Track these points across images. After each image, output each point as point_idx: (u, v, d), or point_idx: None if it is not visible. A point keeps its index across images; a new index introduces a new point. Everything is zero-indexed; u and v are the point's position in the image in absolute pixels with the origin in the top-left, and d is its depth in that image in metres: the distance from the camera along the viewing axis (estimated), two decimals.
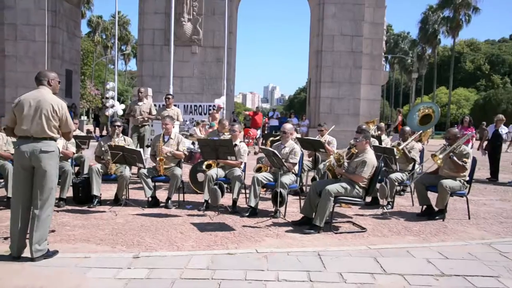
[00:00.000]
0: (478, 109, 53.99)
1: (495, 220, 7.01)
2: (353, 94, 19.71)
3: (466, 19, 54.93)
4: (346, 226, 6.26)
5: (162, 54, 19.43)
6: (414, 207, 7.71)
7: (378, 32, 20.10)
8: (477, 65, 76.96)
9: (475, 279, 4.26)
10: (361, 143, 6.18)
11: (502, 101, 52.46)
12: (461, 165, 6.78)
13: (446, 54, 73.91)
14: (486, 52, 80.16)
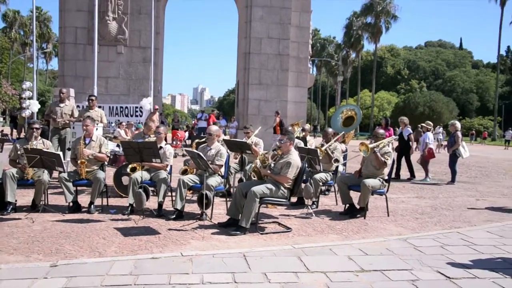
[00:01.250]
0: (398, 111, 56.85)
1: (411, 217, 7.41)
2: (281, 96, 20.05)
3: (386, 26, 57.76)
4: (272, 227, 6.34)
5: (85, 53, 18.71)
6: (337, 206, 7.96)
7: (304, 35, 20.60)
8: (397, 70, 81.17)
9: (391, 273, 4.47)
10: (286, 144, 6.29)
11: (419, 104, 55.75)
12: (383, 161, 7.12)
13: (369, 58, 77.29)
14: (405, 57, 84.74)
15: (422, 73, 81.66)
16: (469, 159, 18.42)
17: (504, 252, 5.39)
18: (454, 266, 4.77)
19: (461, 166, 16.88)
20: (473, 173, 15.18)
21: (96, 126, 7.89)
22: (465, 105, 73.22)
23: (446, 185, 11.58)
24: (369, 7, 57.92)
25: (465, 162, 18.56)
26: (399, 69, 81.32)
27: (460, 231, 6.47)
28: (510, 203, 9.16)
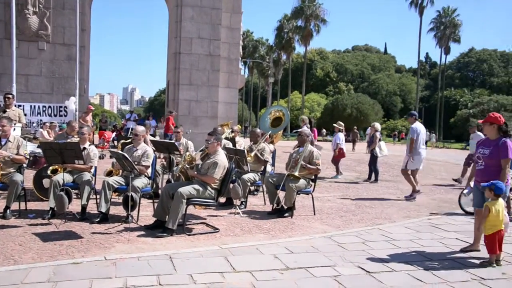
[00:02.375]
0: (327, 113, 58.59)
1: (336, 215, 7.66)
2: (211, 97, 19.97)
3: (316, 29, 59.24)
4: (199, 228, 6.31)
5: (2, 48, 17.61)
6: (266, 206, 8.06)
7: (235, 36, 20.65)
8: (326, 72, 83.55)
9: (315, 269, 4.59)
10: (213, 145, 6.28)
11: (347, 105, 57.68)
12: (315, 168, 7.32)
13: (300, 61, 78.97)
14: (333, 61, 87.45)
15: (349, 76, 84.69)
16: (392, 158, 19.37)
17: (419, 246, 5.72)
18: (374, 261, 4.99)
19: (384, 165, 17.67)
20: (396, 172, 15.89)
21: (13, 126, 7.45)
22: (389, 107, 76.70)
23: (370, 183, 12.07)
24: (299, 10, 59.14)
25: (388, 162, 19.45)
26: (328, 71, 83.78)
27: (381, 227, 6.78)
28: (426, 199, 9.70)
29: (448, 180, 13.26)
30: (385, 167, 16.77)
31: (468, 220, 7.27)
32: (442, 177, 14.29)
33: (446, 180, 13.45)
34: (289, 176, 7.20)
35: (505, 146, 5.22)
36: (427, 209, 8.51)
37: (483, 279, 4.52)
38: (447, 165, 19.42)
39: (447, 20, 65.38)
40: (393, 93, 79.87)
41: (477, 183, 5.45)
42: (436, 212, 8.21)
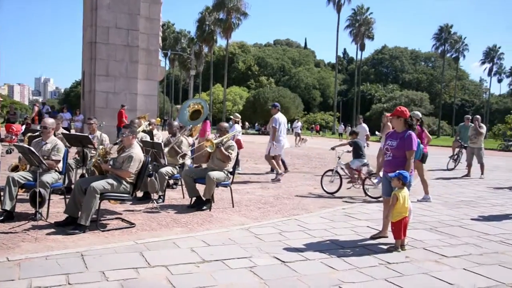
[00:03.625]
0: (249, 106, 59.13)
1: (255, 207, 7.74)
2: (130, 89, 19.43)
3: (237, 23, 59.44)
4: (114, 223, 6.11)
5: None
6: (184, 199, 7.98)
7: (154, 27, 20.20)
8: (248, 66, 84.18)
9: (231, 261, 4.61)
10: (128, 138, 6.09)
11: (268, 99, 58.51)
12: (227, 155, 7.31)
13: (222, 53, 78.92)
14: (255, 54, 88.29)
15: (270, 70, 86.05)
16: (311, 150, 19.95)
17: (333, 235, 5.93)
18: (289, 251, 5.11)
19: (303, 157, 18.20)
20: (314, 163, 16.40)
21: None
22: (309, 100, 79.00)
23: (288, 175, 12.33)
24: (221, 3, 59.02)
25: (307, 154, 20.04)
26: (250, 65, 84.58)
27: (298, 218, 6.95)
28: (343, 190, 10.08)
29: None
30: (304, 159, 17.26)
31: (379, 208, 7.65)
32: None
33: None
34: (207, 140, 7.20)
35: (410, 139, 5.54)
36: (343, 200, 8.85)
37: (389, 263, 4.78)
38: None
39: (361, 18, 68.32)
40: (313, 87, 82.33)
41: (386, 173, 5.74)
42: (350, 201, 8.56)
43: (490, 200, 9.33)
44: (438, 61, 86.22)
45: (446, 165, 15.62)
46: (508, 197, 9.80)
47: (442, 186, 11.33)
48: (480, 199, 9.47)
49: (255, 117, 60.42)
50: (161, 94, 73.99)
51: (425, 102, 68.52)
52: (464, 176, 13.45)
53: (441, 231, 6.40)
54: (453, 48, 75.25)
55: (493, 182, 12.52)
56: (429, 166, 16.26)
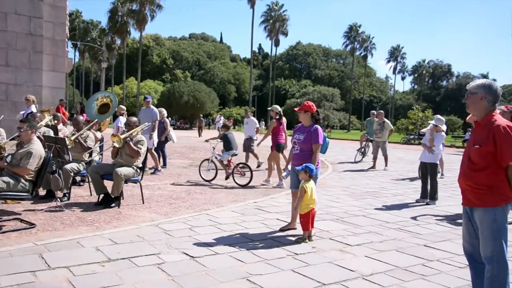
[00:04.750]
0: (164, 100, 57.97)
1: (166, 202, 7.61)
2: (34, 81, 18.19)
3: (151, 15, 58.03)
4: (11, 224, 5.69)
5: None
6: (92, 196, 7.65)
7: (60, 16, 19.06)
8: (162, 59, 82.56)
9: (138, 259, 4.50)
10: (26, 133, 5.72)
11: (184, 93, 57.75)
12: (136, 150, 7.10)
13: (135, 46, 76.63)
14: (169, 47, 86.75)
15: (186, 63, 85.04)
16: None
17: (243, 228, 5.99)
18: (199, 246, 5.08)
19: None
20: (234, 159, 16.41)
21: None
22: (224, 95, 79.13)
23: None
24: None
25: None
26: (165, 58, 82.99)
27: (209, 212, 6.94)
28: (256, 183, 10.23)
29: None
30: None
31: (288, 201, 7.83)
32: None
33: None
34: (113, 136, 6.99)
35: (316, 133, 5.73)
36: (255, 193, 8.97)
37: (296, 254, 4.92)
38: None
39: (276, 14, 69.60)
40: (228, 81, 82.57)
41: (294, 166, 5.89)
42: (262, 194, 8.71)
43: (392, 190, 9.92)
44: (348, 59, 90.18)
45: (354, 158, 16.38)
46: (408, 187, 10.48)
47: (349, 178, 11.87)
48: (383, 189, 10.04)
49: (170, 112, 59.32)
50: (70, 87, 70.46)
51: (336, 98, 71.31)
52: (370, 168, 14.18)
53: (346, 221, 6.69)
54: (362, 46, 79.21)
55: (396, 173, 13.33)
56: (339, 159, 17.03)
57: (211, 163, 10.45)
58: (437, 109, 64.54)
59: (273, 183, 9.95)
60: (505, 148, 3.31)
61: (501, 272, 3.35)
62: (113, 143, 7.10)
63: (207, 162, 10.51)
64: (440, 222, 6.91)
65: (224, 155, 10.29)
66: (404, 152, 23.13)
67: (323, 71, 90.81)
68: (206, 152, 16.77)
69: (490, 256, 3.38)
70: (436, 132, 8.66)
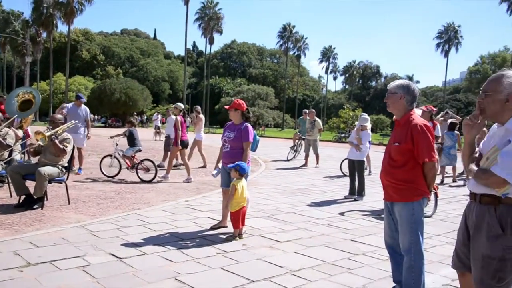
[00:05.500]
0: (95, 97, 56.02)
1: (93, 203, 7.35)
2: None
3: (80, 8, 55.82)
4: None
5: None
6: (12, 198, 7.24)
7: None
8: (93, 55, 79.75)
9: (61, 262, 4.31)
10: None
11: (116, 90, 56.06)
12: (62, 149, 6.80)
13: (63, 40, 73.42)
14: (100, 43, 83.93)
15: (117, 60, 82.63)
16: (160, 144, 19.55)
17: (173, 227, 5.91)
18: (127, 246, 4.95)
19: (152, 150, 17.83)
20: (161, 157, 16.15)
21: None
22: (158, 93, 77.70)
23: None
24: None
25: (155, 147, 19.68)
26: (95, 54, 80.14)
27: (139, 212, 6.78)
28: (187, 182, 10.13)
29: (210, 163, 13.99)
30: (152, 152, 16.91)
31: (220, 199, 7.81)
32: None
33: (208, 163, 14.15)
34: (37, 133, 6.64)
35: (246, 131, 5.75)
36: (186, 192, 8.88)
37: (226, 252, 4.92)
38: (211, 149, 20.53)
39: (210, 12, 69.28)
40: (162, 79, 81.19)
41: (225, 164, 5.88)
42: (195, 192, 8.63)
43: (322, 187, 10.18)
44: (282, 58, 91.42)
45: (286, 156, 16.65)
46: (338, 184, 10.80)
47: (281, 176, 12.04)
48: (314, 186, 10.28)
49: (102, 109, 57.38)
50: None
51: (271, 97, 72.06)
52: (302, 166, 14.48)
53: (277, 218, 6.79)
54: (296, 46, 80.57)
55: (327, 171, 13.69)
56: (272, 157, 17.25)
57: (114, 159, 10.55)
58: (367, 108, 67.13)
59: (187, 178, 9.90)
60: (421, 145, 3.49)
61: (417, 262, 3.53)
62: (37, 141, 6.75)
63: (109, 158, 10.60)
64: (366, 217, 7.18)
65: (128, 150, 10.41)
66: (335, 150, 23.80)
67: (258, 70, 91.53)
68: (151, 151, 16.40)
69: (408, 248, 3.56)
70: (361, 130, 8.99)
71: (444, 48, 72.01)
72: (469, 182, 2.90)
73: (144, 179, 9.87)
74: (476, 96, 2.61)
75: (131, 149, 10.42)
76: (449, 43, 71.64)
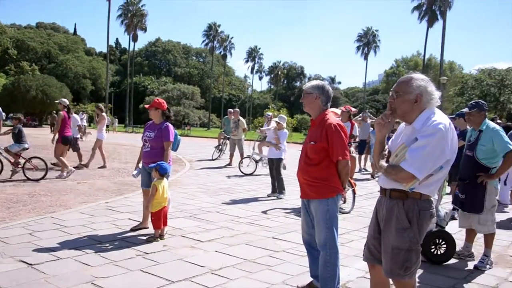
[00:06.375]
0: (7, 94, 52.72)
1: (3, 207, 6.90)
2: None
3: None
4: None
5: None
6: None
7: None
8: (4, 49, 74.82)
9: None
10: None
11: (31, 87, 53.10)
12: None
13: None
14: (12, 36, 78.95)
15: (33, 55, 78.11)
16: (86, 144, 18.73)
17: (91, 230, 5.70)
18: (40, 252, 4.72)
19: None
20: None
21: None
22: (79, 90, 74.43)
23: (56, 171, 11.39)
24: None
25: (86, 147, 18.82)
26: (7, 48, 75.20)
27: (54, 215, 6.47)
28: (107, 183, 9.82)
29: (132, 163, 13.61)
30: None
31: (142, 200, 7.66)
32: (127, 161, 14.68)
33: (130, 163, 13.78)
34: None
35: (167, 130, 5.68)
36: (107, 193, 8.60)
37: (146, 254, 4.83)
38: (134, 149, 20.07)
39: (134, 8, 67.56)
40: (83, 76, 77.87)
41: (145, 164, 5.77)
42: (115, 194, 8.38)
43: (246, 186, 10.27)
44: (208, 57, 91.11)
45: (211, 156, 16.60)
46: (261, 183, 10.94)
47: (206, 175, 12.01)
48: (238, 185, 10.35)
49: (15, 107, 53.90)
50: None
51: (197, 96, 71.53)
52: (227, 165, 14.51)
53: (200, 217, 6.76)
54: (222, 46, 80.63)
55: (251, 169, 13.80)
56: (197, 156, 17.16)
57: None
58: (291, 108, 68.62)
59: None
60: (335, 144, 3.63)
61: (332, 256, 3.67)
62: None
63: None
64: (288, 214, 7.34)
65: (13, 146, 10.11)
66: None
67: (183, 68, 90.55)
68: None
69: (324, 243, 3.68)
70: (279, 129, 9.16)
71: (363, 51, 75.38)
72: (379, 178, 3.07)
73: (31, 178, 9.53)
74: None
75: (16, 145, 10.09)
76: (368, 46, 75.07)
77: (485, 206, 4.82)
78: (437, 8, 56.03)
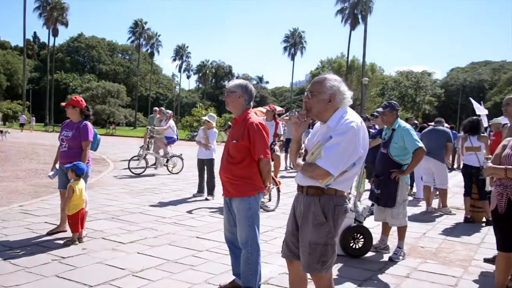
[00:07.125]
0: None
1: None
2: None
3: None
4: None
5: None
6: None
7: None
8: None
9: None
10: None
11: None
12: None
13: None
14: None
15: None
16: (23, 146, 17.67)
17: (2, 236, 5.37)
18: None
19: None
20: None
21: None
22: None
23: None
24: None
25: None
26: None
27: None
28: (23, 185, 9.30)
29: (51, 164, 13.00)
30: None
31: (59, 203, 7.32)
32: (46, 161, 13.98)
33: (49, 164, 13.12)
34: None
35: (86, 129, 5.47)
36: (22, 196, 8.14)
37: (63, 258, 4.62)
38: (54, 149, 19.12)
39: (53, 1, 64.40)
40: None
41: (62, 165, 5.52)
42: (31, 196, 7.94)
43: (172, 186, 10.13)
44: (134, 55, 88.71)
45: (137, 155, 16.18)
46: (187, 183, 10.83)
47: (130, 176, 11.69)
48: (163, 185, 10.18)
49: None
50: None
51: (122, 94, 69.53)
52: (152, 165, 14.21)
53: (122, 219, 6.58)
54: (148, 43, 78.81)
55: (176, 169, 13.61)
56: (122, 156, 16.65)
57: None
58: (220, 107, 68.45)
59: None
60: (257, 143, 3.67)
61: (254, 254, 3.71)
62: None
63: None
64: (213, 214, 7.32)
65: None
66: (188, 148, 23.85)
67: (108, 66, 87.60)
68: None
69: (245, 241, 3.71)
70: (208, 129, 9.08)
71: (290, 52, 76.85)
72: (296, 176, 3.14)
73: None
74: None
75: None
76: (295, 47, 76.65)
77: (397, 201, 5.10)
78: (359, 12, 58.33)
